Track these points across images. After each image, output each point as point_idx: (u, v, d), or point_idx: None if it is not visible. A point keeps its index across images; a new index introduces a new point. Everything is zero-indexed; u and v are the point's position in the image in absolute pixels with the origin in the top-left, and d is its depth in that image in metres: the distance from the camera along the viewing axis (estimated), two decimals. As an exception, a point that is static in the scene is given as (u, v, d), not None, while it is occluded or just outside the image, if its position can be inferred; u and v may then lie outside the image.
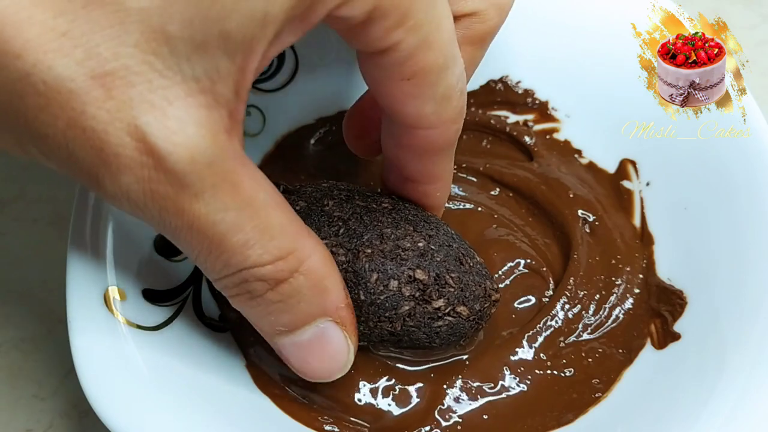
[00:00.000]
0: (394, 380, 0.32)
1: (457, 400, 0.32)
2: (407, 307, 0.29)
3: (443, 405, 0.32)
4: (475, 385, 0.32)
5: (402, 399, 0.32)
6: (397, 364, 0.33)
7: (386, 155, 0.31)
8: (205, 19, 0.21)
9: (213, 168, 0.22)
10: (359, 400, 0.32)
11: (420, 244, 0.29)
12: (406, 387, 0.32)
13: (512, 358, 0.33)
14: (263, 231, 0.24)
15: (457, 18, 0.30)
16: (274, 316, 0.26)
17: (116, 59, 0.21)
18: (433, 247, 0.29)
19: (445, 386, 0.32)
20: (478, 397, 0.32)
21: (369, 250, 0.29)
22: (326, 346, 0.27)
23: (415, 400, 0.32)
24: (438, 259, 0.29)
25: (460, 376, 0.33)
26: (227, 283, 0.25)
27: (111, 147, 0.21)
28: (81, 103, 0.21)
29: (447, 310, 0.29)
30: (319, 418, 0.31)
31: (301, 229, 0.25)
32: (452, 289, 0.29)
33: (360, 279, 0.28)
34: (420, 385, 0.32)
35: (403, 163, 0.30)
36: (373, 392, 0.32)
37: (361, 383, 0.32)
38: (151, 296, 0.31)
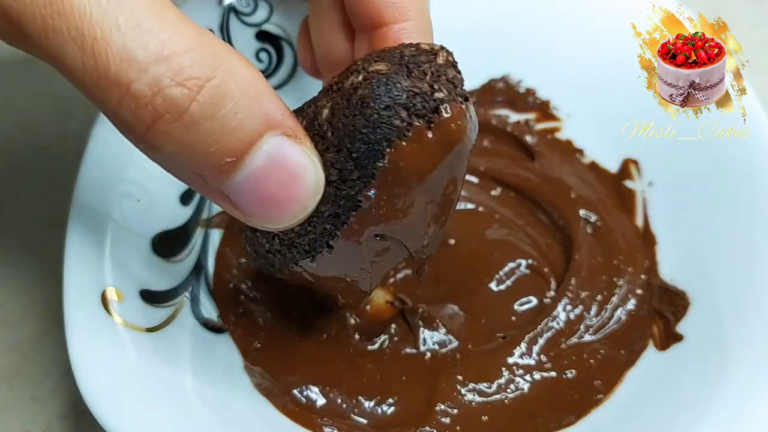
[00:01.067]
0: (393, 380, 0.32)
1: (456, 401, 0.32)
2: (326, 111, 0.24)
3: (442, 406, 0.32)
4: (475, 386, 0.32)
5: (401, 400, 0.32)
6: (398, 359, 0.33)
7: (352, 12, 0.28)
8: None
9: None
10: (359, 401, 0.32)
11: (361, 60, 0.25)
12: (405, 387, 0.32)
13: (512, 359, 0.33)
14: (155, 17, 0.20)
15: None
16: (213, 143, 0.21)
17: None
18: (375, 54, 0.25)
19: (444, 387, 0.32)
20: (478, 398, 0.32)
21: (323, 101, 0.25)
22: (287, 166, 0.22)
23: (414, 401, 0.32)
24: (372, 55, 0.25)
25: (459, 377, 0.32)
26: (137, 93, 0.20)
27: None
28: None
29: (360, 78, 0.24)
30: (318, 420, 0.31)
31: (206, 30, 0.21)
32: (365, 63, 0.24)
33: (317, 131, 0.24)
34: (419, 385, 0.32)
35: (367, 2, 0.27)
36: (373, 393, 0.32)
37: (361, 383, 0.32)
38: (149, 297, 0.31)
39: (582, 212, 0.37)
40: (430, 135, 0.24)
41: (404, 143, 0.23)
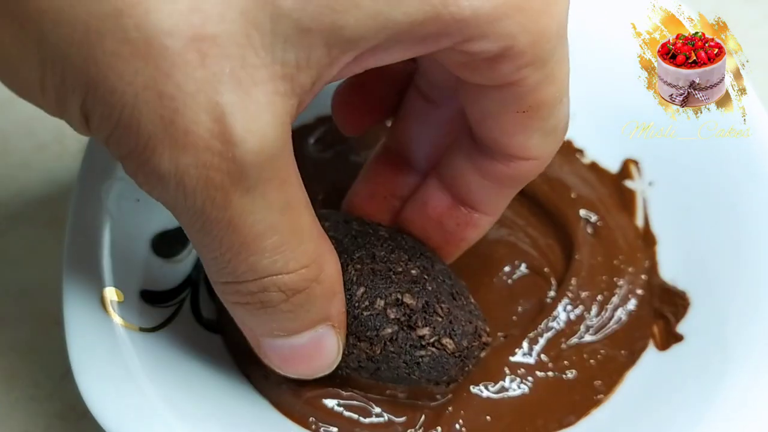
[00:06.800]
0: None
1: (458, 401, 0.32)
2: (390, 330, 0.27)
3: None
4: (478, 385, 0.32)
5: (403, 400, 0.32)
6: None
7: (448, 177, 0.29)
8: (322, 5, 0.19)
9: (273, 163, 0.20)
10: (359, 397, 0.32)
11: (413, 272, 0.28)
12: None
13: (514, 359, 0.33)
14: (295, 234, 0.22)
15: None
16: (278, 323, 0.24)
17: (221, 23, 0.18)
18: (426, 276, 0.28)
19: (448, 387, 0.32)
20: (483, 395, 0.32)
21: (359, 266, 0.28)
22: (320, 351, 0.26)
23: (416, 402, 0.32)
24: (429, 288, 0.28)
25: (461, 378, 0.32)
26: (242, 289, 0.23)
27: (184, 121, 0.19)
28: (170, 65, 0.18)
29: (431, 340, 0.27)
30: (316, 419, 0.31)
31: (322, 232, 0.24)
32: (440, 319, 0.27)
33: (345, 291, 0.27)
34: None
35: (472, 189, 0.28)
36: (372, 390, 0.32)
37: (360, 382, 0.32)
38: (149, 297, 0.31)
39: (582, 212, 0.37)
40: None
41: None
